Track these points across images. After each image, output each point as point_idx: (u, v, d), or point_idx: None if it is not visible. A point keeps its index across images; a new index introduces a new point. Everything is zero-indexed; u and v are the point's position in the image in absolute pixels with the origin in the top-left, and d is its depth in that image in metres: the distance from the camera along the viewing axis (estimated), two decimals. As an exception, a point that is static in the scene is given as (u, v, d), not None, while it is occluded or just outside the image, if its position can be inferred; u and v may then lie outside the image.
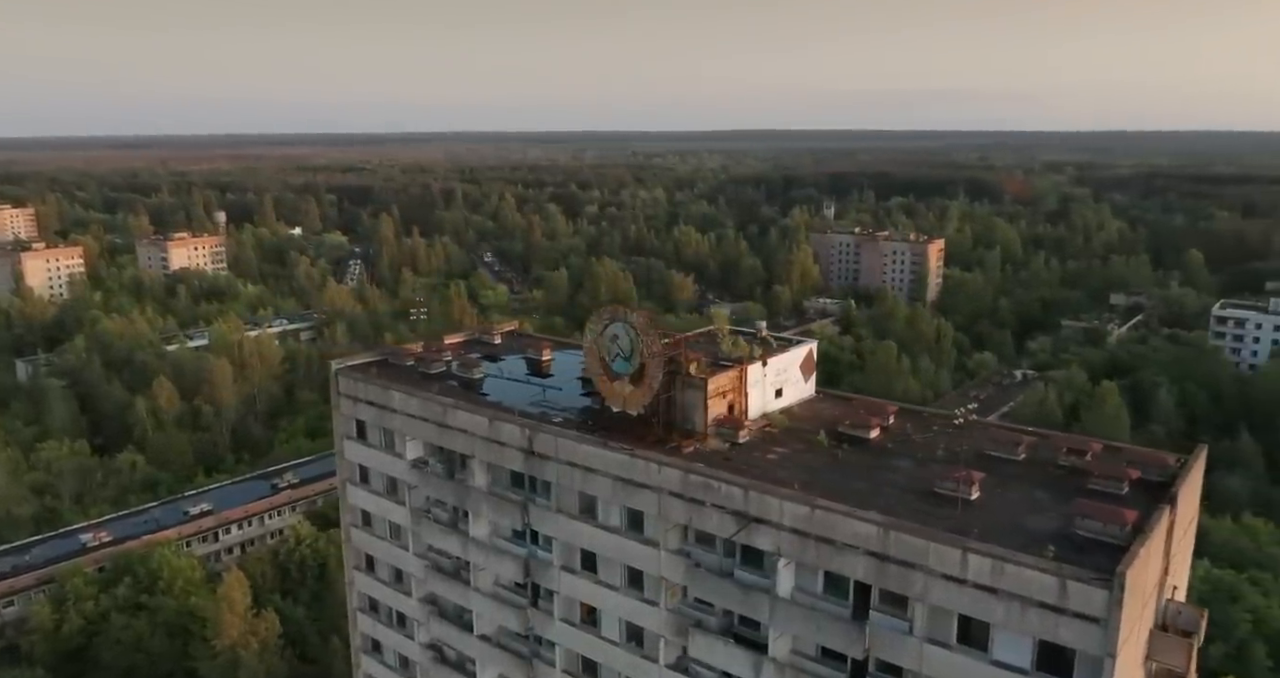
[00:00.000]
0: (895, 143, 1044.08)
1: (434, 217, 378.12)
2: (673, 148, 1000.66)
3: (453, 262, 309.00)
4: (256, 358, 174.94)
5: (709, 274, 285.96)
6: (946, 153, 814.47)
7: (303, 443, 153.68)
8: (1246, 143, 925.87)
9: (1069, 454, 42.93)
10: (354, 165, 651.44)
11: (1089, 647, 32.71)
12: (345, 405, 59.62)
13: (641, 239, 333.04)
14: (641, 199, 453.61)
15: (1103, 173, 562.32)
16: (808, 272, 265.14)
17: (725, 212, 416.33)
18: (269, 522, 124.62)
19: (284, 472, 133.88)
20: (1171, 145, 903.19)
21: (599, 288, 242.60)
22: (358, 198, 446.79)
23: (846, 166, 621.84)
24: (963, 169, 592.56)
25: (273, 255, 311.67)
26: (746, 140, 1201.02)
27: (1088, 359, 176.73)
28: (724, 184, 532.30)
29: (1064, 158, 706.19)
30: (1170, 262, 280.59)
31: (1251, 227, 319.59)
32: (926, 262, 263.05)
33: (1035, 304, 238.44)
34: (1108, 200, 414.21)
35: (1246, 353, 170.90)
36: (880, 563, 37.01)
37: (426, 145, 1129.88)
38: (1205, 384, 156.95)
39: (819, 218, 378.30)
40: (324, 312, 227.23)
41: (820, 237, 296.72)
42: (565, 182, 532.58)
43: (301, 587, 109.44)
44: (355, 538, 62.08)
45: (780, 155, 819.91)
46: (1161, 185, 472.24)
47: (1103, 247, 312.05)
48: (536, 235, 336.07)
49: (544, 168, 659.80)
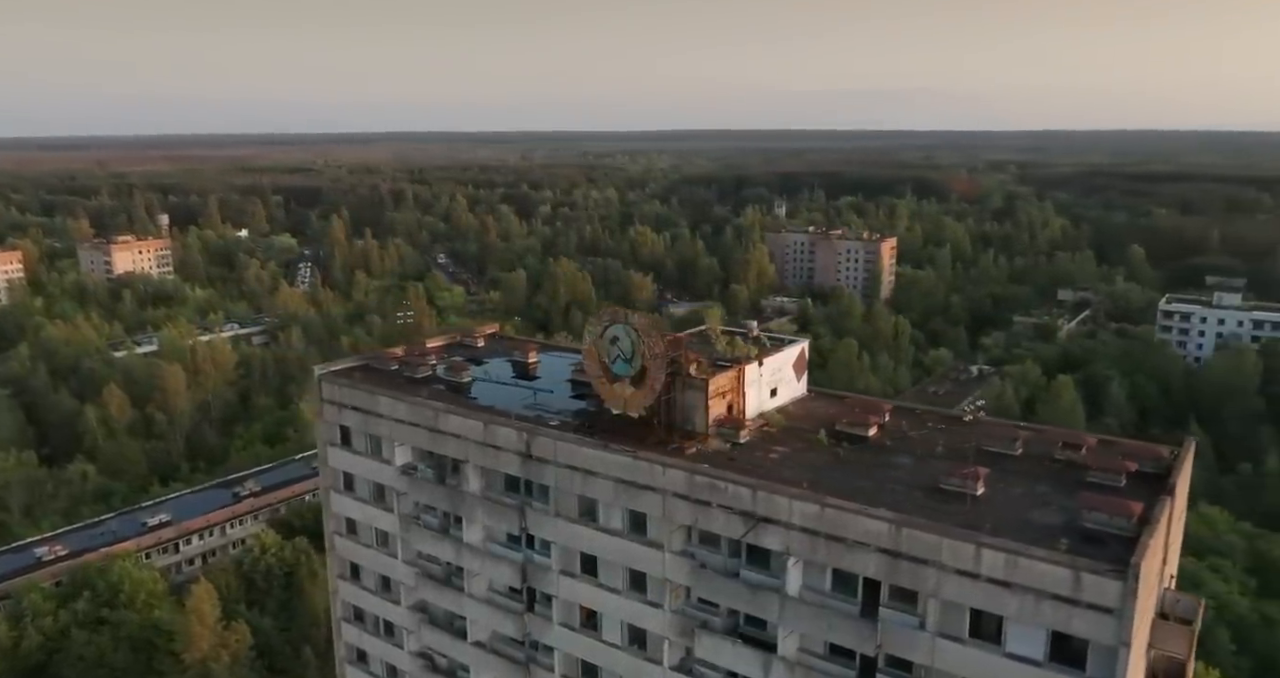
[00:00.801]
0: (841, 143, 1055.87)
1: (385, 218, 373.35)
2: (622, 148, 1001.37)
3: (406, 263, 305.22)
4: (210, 363, 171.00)
5: (666, 274, 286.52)
6: (892, 152, 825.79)
7: (261, 450, 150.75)
8: (1181, 142, 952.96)
9: (1065, 448, 43.76)
10: (300, 166, 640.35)
11: (1103, 637, 33.33)
12: (329, 412, 58.51)
13: (597, 239, 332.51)
14: (594, 199, 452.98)
15: (1044, 171, 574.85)
16: (764, 271, 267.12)
17: (678, 211, 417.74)
18: (231, 531, 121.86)
19: (245, 480, 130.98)
20: (1108, 144, 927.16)
21: (558, 289, 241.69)
22: (305, 199, 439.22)
23: (796, 166, 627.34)
24: (909, 168, 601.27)
25: (220, 258, 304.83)
26: (695, 140, 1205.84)
27: (1041, 354, 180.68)
28: (676, 184, 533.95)
29: (1006, 157, 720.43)
30: (1114, 258, 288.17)
31: (1190, 223, 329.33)
32: (880, 260, 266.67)
33: (986, 301, 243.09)
34: (1050, 198, 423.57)
35: (1192, 346, 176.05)
36: (892, 560, 37.31)
37: (372, 145, 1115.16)
38: (1155, 377, 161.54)
39: (771, 217, 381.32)
40: (277, 315, 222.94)
41: (775, 236, 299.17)
42: (517, 182, 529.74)
43: (268, 597, 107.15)
44: (340, 546, 60.92)
45: (729, 155, 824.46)
46: (1101, 184, 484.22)
47: (1048, 244, 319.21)
48: (492, 236, 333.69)
49: (494, 168, 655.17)
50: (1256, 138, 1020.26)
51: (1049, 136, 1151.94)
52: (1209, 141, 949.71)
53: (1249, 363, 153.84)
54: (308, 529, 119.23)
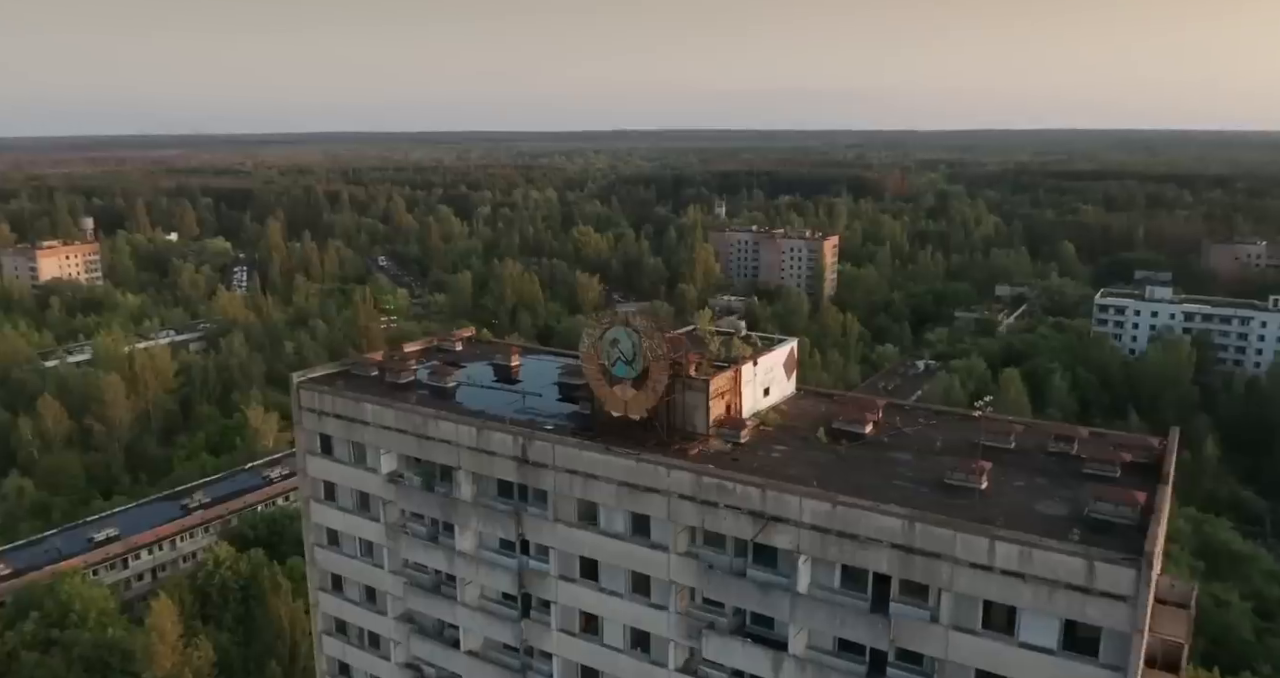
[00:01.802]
0: (775, 142, 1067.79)
1: (322, 220, 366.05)
2: (558, 148, 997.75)
3: (346, 266, 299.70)
4: (149, 372, 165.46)
5: (612, 274, 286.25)
6: (826, 152, 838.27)
7: (207, 460, 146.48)
8: (1097, 141, 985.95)
9: (1058, 441, 44.89)
10: (228, 168, 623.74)
11: (1116, 624, 34.25)
12: (308, 420, 57.09)
13: (540, 240, 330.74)
14: (534, 200, 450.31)
15: (973, 170, 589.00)
16: (710, 270, 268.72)
17: (618, 211, 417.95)
18: (181, 545, 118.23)
19: (193, 491, 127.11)
20: (1031, 143, 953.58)
21: (505, 290, 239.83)
22: (236, 202, 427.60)
23: (732, 166, 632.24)
24: (843, 168, 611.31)
25: (151, 263, 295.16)
26: (630, 140, 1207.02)
27: (984, 349, 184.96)
28: (614, 184, 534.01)
29: (936, 156, 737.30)
30: (1046, 253, 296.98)
31: (1115, 220, 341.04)
32: (823, 258, 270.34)
33: (927, 297, 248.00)
34: (981, 196, 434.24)
35: (1127, 338, 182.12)
36: (905, 555, 37.81)
37: (302, 146, 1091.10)
38: (1094, 369, 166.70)
39: (712, 217, 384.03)
40: (215, 321, 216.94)
41: (719, 235, 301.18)
42: (455, 182, 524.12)
43: (225, 612, 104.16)
44: (320, 558, 59.48)
45: (665, 155, 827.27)
46: (1028, 182, 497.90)
47: (982, 240, 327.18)
48: (434, 238, 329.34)
49: (430, 168, 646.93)
50: (1167, 137, 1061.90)
51: (975, 136, 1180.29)
52: (1123, 141, 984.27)
53: (1183, 354, 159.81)
54: (262, 541, 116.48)
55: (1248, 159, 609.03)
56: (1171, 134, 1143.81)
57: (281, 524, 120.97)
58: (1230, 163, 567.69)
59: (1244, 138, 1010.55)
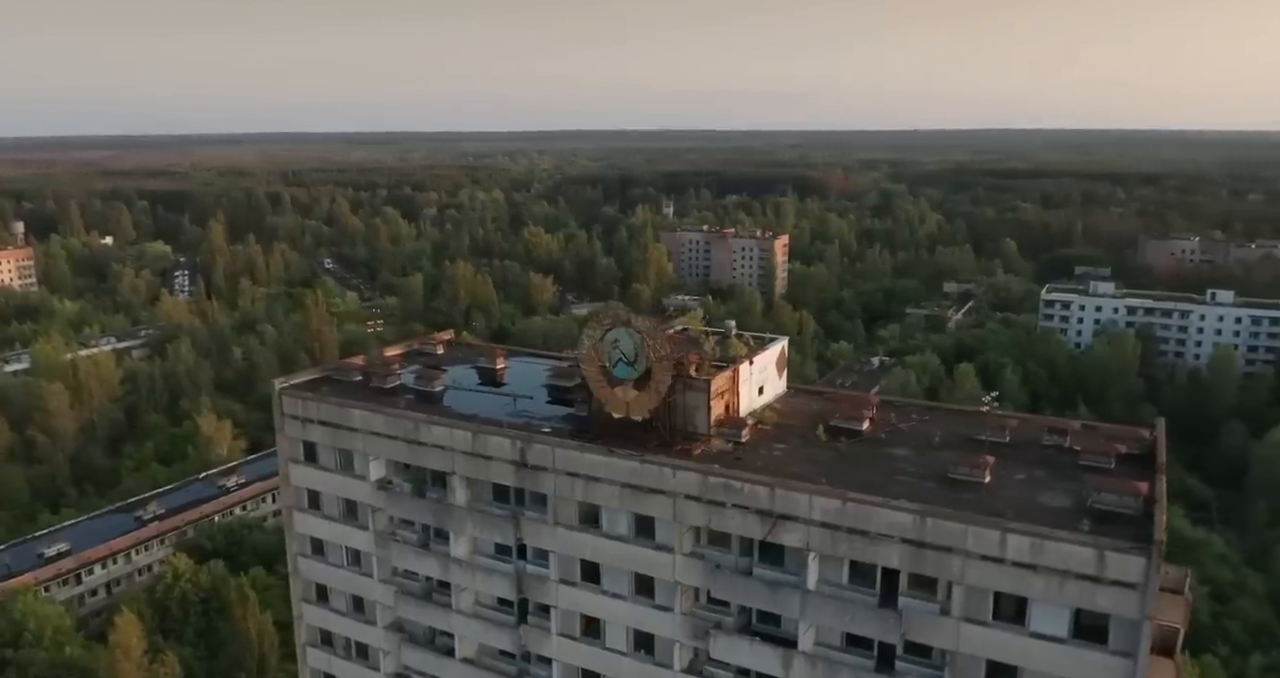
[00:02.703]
0: (718, 143, 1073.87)
1: (264, 222, 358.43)
2: (502, 148, 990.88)
3: (292, 269, 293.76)
4: (93, 380, 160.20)
5: (564, 274, 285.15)
6: (769, 152, 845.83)
7: (157, 470, 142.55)
8: (1030, 141, 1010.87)
9: (1052, 434, 45.86)
10: (163, 169, 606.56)
11: (1126, 612, 35.12)
12: (291, 427, 55.78)
13: (490, 241, 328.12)
14: (481, 200, 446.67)
15: (914, 169, 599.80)
16: (663, 269, 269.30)
17: (566, 211, 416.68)
18: (137, 558, 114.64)
19: (146, 502, 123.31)
20: (968, 143, 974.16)
21: (458, 292, 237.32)
22: (173, 204, 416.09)
23: (678, 166, 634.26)
24: (787, 167, 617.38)
25: (88, 268, 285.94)
26: (573, 140, 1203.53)
27: (936, 344, 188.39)
28: (561, 184, 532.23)
29: (877, 156, 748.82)
30: (989, 251, 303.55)
31: (1054, 217, 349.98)
32: (773, 257, 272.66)
33: (878, 295, 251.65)
34: (924, 195, 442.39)
35: (1073, 333, 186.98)
36: (916, 550, 38.30)
37: (237, 147, 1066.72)
38: (1043, 363, 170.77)
39: (661, 216, 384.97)
40: (158, 327, 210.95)
41: (670, 235, 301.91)
42: (399, 183, 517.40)
43: (186, 626, 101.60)
44: (304, 568, 58.16)
45: (610, 155, 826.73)
46: (967, 180, 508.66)
47: (927, 238, 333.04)
48: (382, 240, 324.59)
49: (372, 169, 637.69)
50: (1094, 136, 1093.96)
51: (913, 136, 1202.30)
52: (1053, 140, 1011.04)
53: (1128, 347, 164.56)
54: (221, 552, 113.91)
55: (1174, 158, 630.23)
56: (1099, 134, 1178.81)
57: (240, 535, 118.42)
58: (1158, 161, 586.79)
59: (1168, 137, 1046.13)
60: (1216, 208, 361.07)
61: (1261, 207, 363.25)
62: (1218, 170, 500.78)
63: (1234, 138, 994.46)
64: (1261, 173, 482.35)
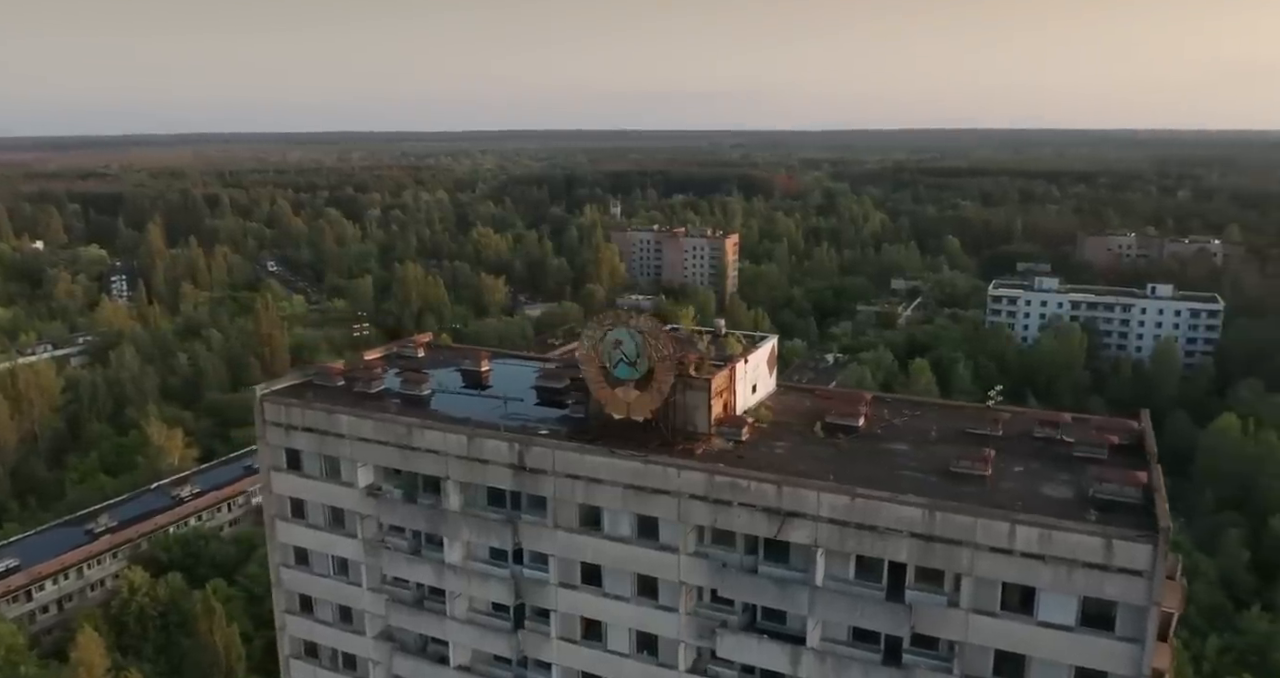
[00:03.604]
0: (661, 142, 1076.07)
1: (203, 224, 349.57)
2: (443, 149, 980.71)
3: (235, 273, 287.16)
4: (33, 390, 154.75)
5: (515, 275, 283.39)
6: (712, 152, 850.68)
7: (104, 481, 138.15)
8: (963, 140, 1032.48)
9: (1044, 426, 46.83)
10: (94, 171, 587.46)
11: (1134, 598, 36.00)
12: (273, 434, 54.42)
13: (438, 242, 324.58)
14: (426, 201, 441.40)
15: (855, 168, 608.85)
16: (615, 269, 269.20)
17: (513, 212, 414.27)
18: (89, 572, 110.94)
19: (97, 514, 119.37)
20: (904, 142, 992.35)
21: (409, 294, 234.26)
22: (105, 206, 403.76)
23: (622, 165, 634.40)
24: (731, 167, 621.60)
25: (19, 273, 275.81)
26: (516, 140, 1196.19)
27: (889, 340, 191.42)
28: (506, 184, 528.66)
29: (819, 155, 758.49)
30: (933, 248, 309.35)
31: (994, 214, 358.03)
32: (724, 256, 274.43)
33: (828, 292, 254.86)
34: (866, 194, 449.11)
35: (1019, 327, 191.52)
36: (925, 543, 38.77)
37: (169, 148, 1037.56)
38: (993, 357, 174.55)
39: (609, 216, 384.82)
40: (98, 334, 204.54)
41: (620, 235, 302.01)
42: (340, 184, 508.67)
43: (145, 641, 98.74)
44: (287, 579, 56.77)
45: (553, 155, 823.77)
46: (907, 179, 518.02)
47: (872, 236, 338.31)
48: (328, 242, 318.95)
49: (312, 170, 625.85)
50: (1028, 136, 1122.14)
51: (851, 136, 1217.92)
52: (988, 139, 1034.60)
53: (1075, 341, 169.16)
54: (177, 564, 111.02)
55: (1106, 156, 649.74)
56: (1032, 133, 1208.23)
57: (197, 546, 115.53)
58: (1090, 160, 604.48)
59: (1099, 137, 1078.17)
60: (1148, 205, 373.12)
61: (1190, 203, 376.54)
62: (1148, 169, 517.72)
63: (1163, 137, 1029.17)
64: (1189, 171, 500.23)
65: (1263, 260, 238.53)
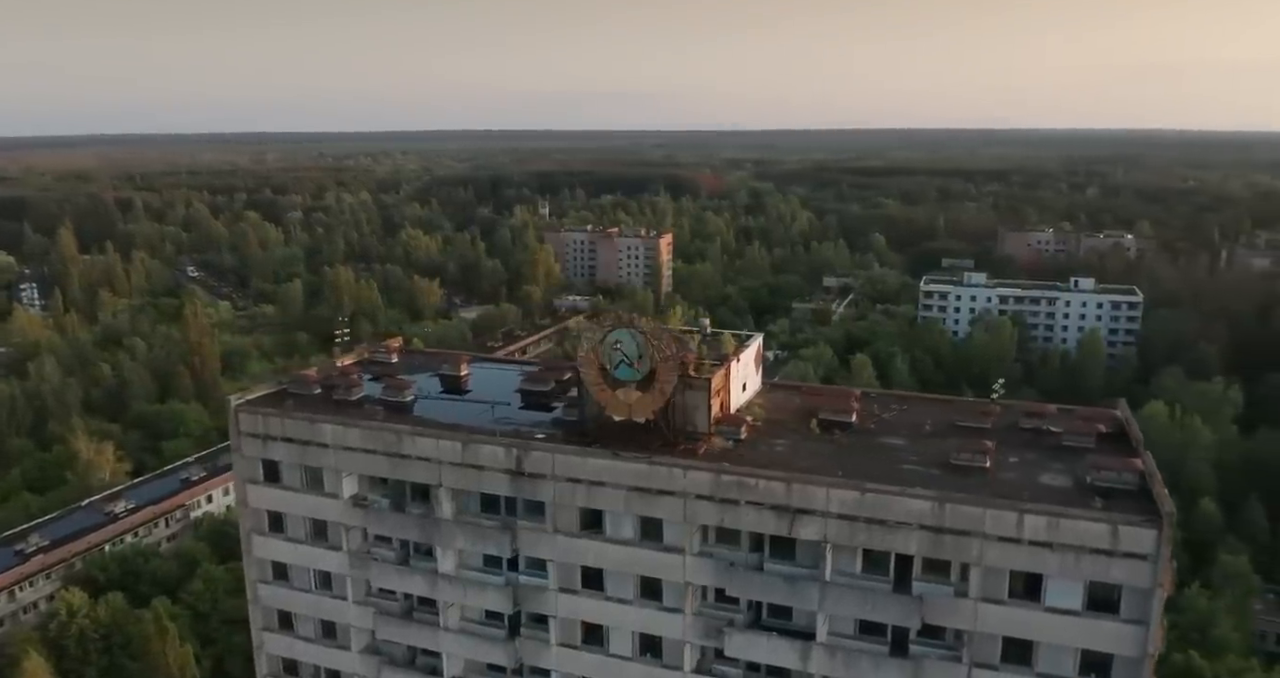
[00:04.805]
0: (583, 142, 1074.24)
1: (117, 229, 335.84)
2: (362, 149, 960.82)
3: (154, 279, 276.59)
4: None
5: (449, 277, 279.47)
6: (635, 151, 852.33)
7: (30, 499, 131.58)
8: (881, 140, 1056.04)
9: (1030, 418, 48.14)
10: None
11: (1139, 582, 37.31)
12: (249, 446, 52.59)
13: (366, 245, 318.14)
14: (349, 203, 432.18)
15: (778, 168, 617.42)
16: (551, 270, 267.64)
17: (440, 213, 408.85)
18: (21, 595, 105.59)
19: (26, 534, 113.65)
20: (824, 143, 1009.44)
21: (341, 298, 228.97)
22: (8, 211, 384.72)
23: (548, 166, 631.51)
24: (655, 167, 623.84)
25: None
26: (435, 140, 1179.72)
27: (827, 337, 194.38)
28: (431, 185, 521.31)
29: (741, 155, 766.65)
30: (860, 245, 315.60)
31: (917, 213, 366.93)
32: (659, 255, 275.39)
33: (762, 291, 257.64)
34: (791, 193, 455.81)
35: (950, 321, 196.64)
36: (934, 535, 39.55)
37: (71, 150, 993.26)
38: (928, 351, 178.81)
39: (538, 217, 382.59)
40: (12, 345, 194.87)
41: (554, 235, 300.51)
42: (258, 186, 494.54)
43: (88, 665, 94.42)
44: (265, 595, 54.91)
45: (475, 156, 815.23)
46: (829, 178, 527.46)
47: (801, 235, 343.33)
48: (252, 246, 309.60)
49: (227, 172, 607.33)
50: (942, 135, 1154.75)
51: (771, 136, 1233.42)
52: (904, 139, 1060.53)
53: (1005, 333, 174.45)
54: (116, 583, 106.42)
55: (1016, 155, 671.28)
56: (945, 133, 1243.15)
57: (136, 564, 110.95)
58: (1002, 159, 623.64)
59: (1009, 136, 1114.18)
60: (1061, 202, 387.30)
61: (1099, 200, 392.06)
62: (1058, 167, 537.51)
63: (1069, 136, 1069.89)
64: (1096, 168, 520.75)
65: (1174, 254, 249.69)
